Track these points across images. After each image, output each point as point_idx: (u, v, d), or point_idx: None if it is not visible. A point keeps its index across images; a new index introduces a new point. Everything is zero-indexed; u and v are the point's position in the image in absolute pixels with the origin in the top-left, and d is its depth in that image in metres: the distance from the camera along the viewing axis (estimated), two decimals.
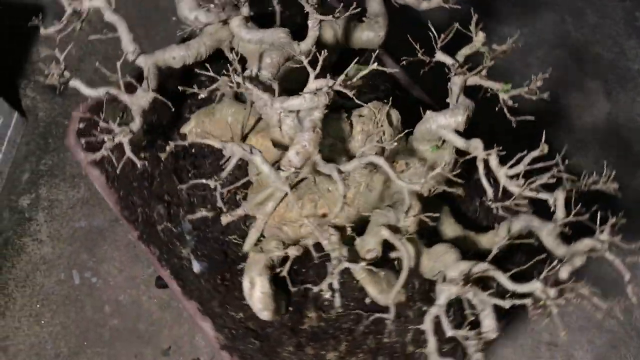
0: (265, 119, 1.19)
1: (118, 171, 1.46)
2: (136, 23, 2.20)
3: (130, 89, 1.30)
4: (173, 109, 1.31)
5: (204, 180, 1.09)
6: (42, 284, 1.99)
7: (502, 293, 1.18)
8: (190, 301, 1.39)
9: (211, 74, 1.11)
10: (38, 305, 1.96)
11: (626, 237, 1.22)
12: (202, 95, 1.10)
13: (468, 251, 1.29)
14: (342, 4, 1.19)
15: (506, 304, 1.14)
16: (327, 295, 1.09)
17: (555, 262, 1.19)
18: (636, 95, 2.20)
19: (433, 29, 1.21)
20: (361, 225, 1.30)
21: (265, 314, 1.25)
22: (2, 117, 2.05)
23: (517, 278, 1.19)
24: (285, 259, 1.22)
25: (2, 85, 2.14)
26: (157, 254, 1.43)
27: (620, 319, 1.84)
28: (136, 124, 1.27)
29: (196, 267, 1.37)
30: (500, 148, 1.11)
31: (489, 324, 1.14)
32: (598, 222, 1.23)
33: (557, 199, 1.22)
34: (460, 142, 1.15)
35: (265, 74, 1.14)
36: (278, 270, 1.16)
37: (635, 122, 2.15)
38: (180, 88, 1.20)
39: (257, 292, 1.24)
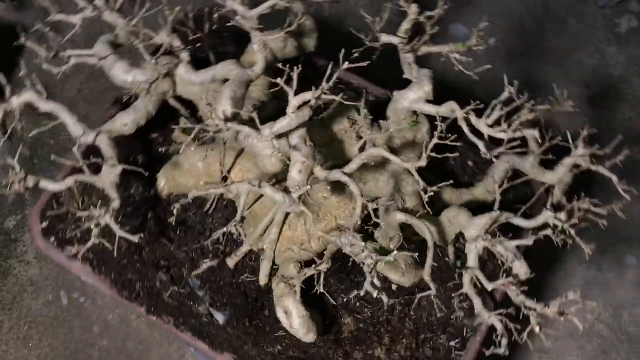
0: (251, 151, 1.17)
1: (102, 255, 1.41)
2: None
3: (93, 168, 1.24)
4: (147, 174, 1.26)
5: (225, 229, 1.06)
6: (29, 306, 1.95)
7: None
8: (224, 354, 1.35)
9: (200, 125, 1.08)
10: (26, 328, 1.92)
11: None
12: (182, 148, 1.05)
13: (469, 209, 1.32)
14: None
15: (529, 241, 1.18)
16: (375, 294, 1.08)
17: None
18: (619, 101, 2.21)
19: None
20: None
21: (310, 337, 1.23)
22: None
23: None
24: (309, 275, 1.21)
25: None
26: (172, 321, 1.38)
27: (610, 324, 1.88)
28: (116, 201, 1.21)
29: (220, 318, 1.33)
30: (478, 102, 1.14)
31: (520, 266, 1.17)
32: (571, 142, 1.30)
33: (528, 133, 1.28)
34: (436, 109, 1.18)
35: (234, 108, 1.11)
36: (316, 289, 1.14)
37: (618, 127, 2.16)
38: (161, 150, 1.15)
39: (295, 319, 1.22)
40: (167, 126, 1.46)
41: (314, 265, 1.12)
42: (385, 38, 1.24)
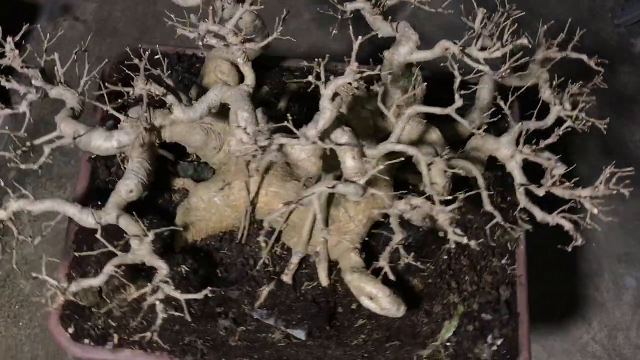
0: (290, 159, 1.11)
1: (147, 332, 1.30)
2: (132, 28, 2.24)
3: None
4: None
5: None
6: (22, 284, 1.90)
7: None
8: None
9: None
10: (17, 307, 1.88)
11: None
12: None
13: None
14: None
15: (554, 138, 1.23)
16: (464, 240, 1.08)
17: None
18: (630, 121, 2.15)
19: None
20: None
21: (402, 309, 1.22)
22: None
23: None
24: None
25: None
26: None
27: (604, 344, 1.86)
28: (164, 269, 1.12)
29: (301, 334, 1.28)
30: (471, 31, 1.16)
31: (559, 164, 1.21)
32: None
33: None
34: (431, 53, 1.18)
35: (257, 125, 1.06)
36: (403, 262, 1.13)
37: (630, 144, 2.14)
38: (161, 202, 1.07)
39: (383, 299, 1.20)
40: (158, 178, 1.37)
41: (392, 242, 1.10)
42: (350, 6, 1.23)
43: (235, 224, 1.31)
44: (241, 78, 1.35)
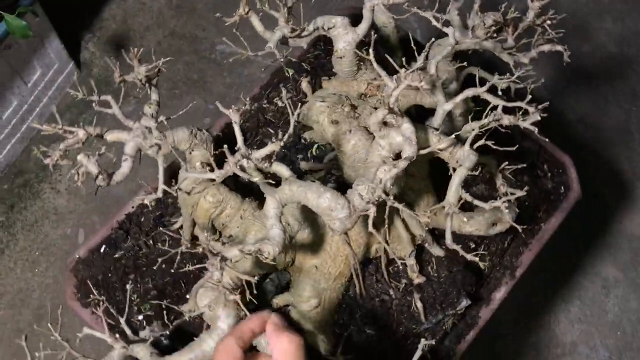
0: None
1: None
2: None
3: None
4: None
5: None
6: (47, 233, 1.92)
7: None
8: None
9: None
10: (37, 253, 1.89)
11: None
12: None
13: None
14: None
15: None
16: None
17: None
18: None
19: None
20: None
21: (516, 209, 1.26)
22: (58, 62, 2.06)
23: None
24: None
25: (66, 34, 2.10)
26: None
27: None
28: None
29: (468, 302, 1.28)
30: None
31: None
32: None
33: None
34: (367, 21, 1.16)
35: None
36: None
37: None
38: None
39: (508, 214, 1.21)
40: None
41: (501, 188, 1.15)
42: (271, 43, 1.14)
43: (346, 286, 1.25)
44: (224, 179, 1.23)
